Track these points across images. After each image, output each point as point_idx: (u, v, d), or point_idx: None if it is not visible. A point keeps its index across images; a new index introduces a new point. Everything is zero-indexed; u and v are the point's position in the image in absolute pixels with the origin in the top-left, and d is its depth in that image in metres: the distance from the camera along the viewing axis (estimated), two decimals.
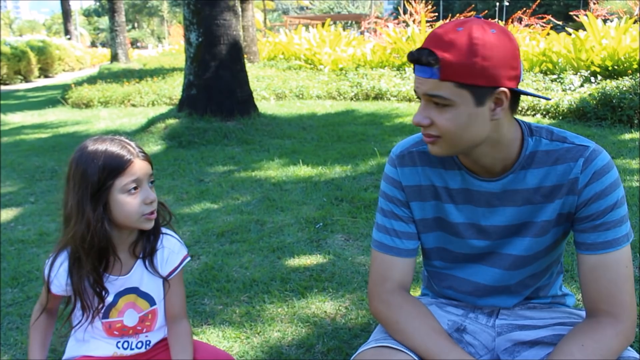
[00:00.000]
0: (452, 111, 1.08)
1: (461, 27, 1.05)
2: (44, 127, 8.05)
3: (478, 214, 1.24)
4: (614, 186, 1.13)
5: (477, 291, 1.31)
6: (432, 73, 1.06)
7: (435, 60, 1.04)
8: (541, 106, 6.83)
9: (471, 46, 1.03)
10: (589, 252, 1.14)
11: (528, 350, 1.22)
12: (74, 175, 1.25)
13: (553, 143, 1.17)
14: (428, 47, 1.06)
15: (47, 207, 3.90)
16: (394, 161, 1.30)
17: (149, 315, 1.40)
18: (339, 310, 2.27)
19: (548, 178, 1.17)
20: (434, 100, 1.08)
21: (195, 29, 6.48)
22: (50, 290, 1.35)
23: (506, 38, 1.06)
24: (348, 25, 30.82)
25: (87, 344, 1.39)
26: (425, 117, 1.11)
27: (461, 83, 1.05)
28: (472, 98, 1.06)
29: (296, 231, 3.21)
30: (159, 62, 17.17)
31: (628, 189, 3.64)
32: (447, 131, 1.09)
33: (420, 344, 1.14)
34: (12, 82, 18.19)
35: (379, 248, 1.30)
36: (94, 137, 1.31)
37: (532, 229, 1.21)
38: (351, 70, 10.89)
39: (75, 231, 1.25)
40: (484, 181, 1.20)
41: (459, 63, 1.03)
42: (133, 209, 1.25)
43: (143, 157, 1.28)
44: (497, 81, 1.05)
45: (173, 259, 1.40)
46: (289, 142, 5.92)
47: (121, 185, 1.24)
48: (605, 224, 1.13)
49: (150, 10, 71.23)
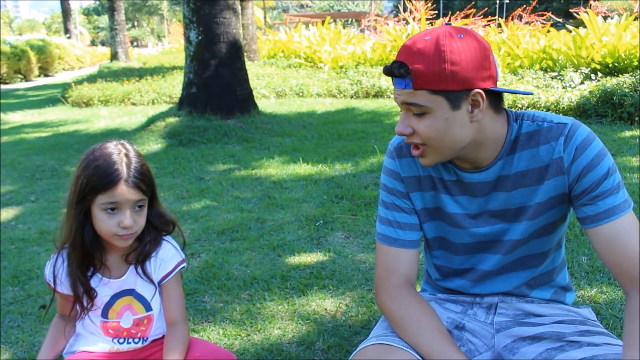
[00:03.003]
0: (430, 118, 1.12)
1: (429, 37, 1.09)
2: (44, 126, 8.05)
3: (475, 203, 1.25)
4: (601, 156, 1.14)
5: (477, 277, 1.32)
6: (405, 84, 1.10)
7: (406, 71, 1.09)
8: (541, 103, 6.82)
9: (439, 53, 1.07)
10: (596, 224, 1.14)
11: (528, 346, 1.22)
12: (74, 176, 1.30)
13: (534, 123, 1.19)
14: (399, 59, 1.10)
15: (47, 206, 3.90)
16: (392, 153, 1.32)
17: (144, 320, 1.41)
18: (339, 307, 2.27)
19: (534, 160, 1.19)
20: (411, 108, 1.13)
21: (195, 28, 6.47)
22: (55, 289, 1.37)
23: (474, 41, 1.09)
24: (348, 23, 30.76)
25: (86, 339, 1.40)
26: (406, 126, 1.15)
27: (434, 90, 1.08)
28: (447, 103, 1.10)
29: (296, 229, 3.21)
30: (159, 60, 17.16)
31: (629, 185, 3.64)
32: (429, 137, 1.13)
33: (424, 343, 1.15)
34: (12, 81, 18.19)
35: (383, 240, 1.31)
36: (108, 142, 1.33)
37: (527, 213, 1.23)
38: (351, 68, 10.88)
39: (65, 230, 1.32)
40: (474, 172, 1.22)
41: (429, 71, 1.07)
42: (106, 227, 1.28)
43: (133, 183, 1.27)
44: (470, 84, 1.09)
45: (165, 266, 1.41)
46: (289, 140, 5.92)
47: (100, 202, 1.27)
48: (602, 193, 1.13)
49: (150, 9, 71.17)
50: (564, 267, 1.39)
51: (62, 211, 1.34)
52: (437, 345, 1.14)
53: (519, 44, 9.72)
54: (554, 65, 8.65)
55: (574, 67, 8.23)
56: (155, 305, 1.41)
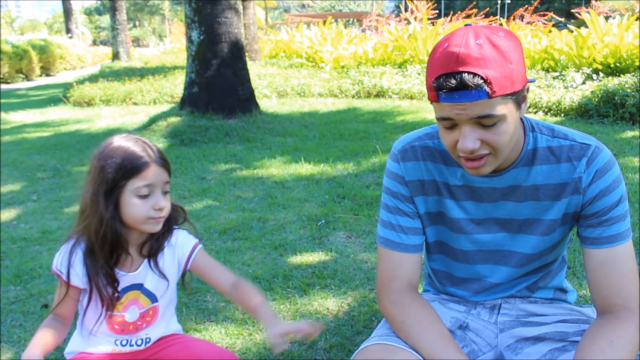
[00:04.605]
0: (503, 125, 1.05)
1: (479, 40, 1.01)
2: (46, 125, 8.05)
3: (480, 209, 1.24)
4: (617, 183, 1.15)
5: (482, 288, 1.32)
6: (478, 95, 1.00)
7: (481, 80, 0.99)
8: (543, 103, 6.82)
9: (502, 55, 1.01)
10: (595, 247, 1.15)
11: (531, 346, 1.22)
12: (94, 168, 1.28)
13: (554, 139, 1.17)
14: (459, 69, 0.99)
15: (49, 205, 3.90)
16: (397, 156, 1.29)
17: (150, 312, 1.40)
18: (341, 307, 2.27)
19: (552, 176, 1.18)
20: (482, 121, 1.04)
21: (196, 27, 6.47)
22: (69, 281, 1.32)
23: (513, 37, 1.07)
24: (349, 23, 30.76)
25: (87, 341, 1.39)
26: (476, 140, 1.05)
27: (506, 94, 1.02)
28: (514, 104, 1.07)
29: (298, 228, 3.21)
30: (161, 60, 17.16)
31: (630, 185, 3.63)
32: (500, 145, 1.07)
33: (425, 346, 1.14)
34: (13, 80, 18.21)
35: (386, 244, 1.29)
36: (121, 134, 1.34)
37: (539, 227, 1.22)
38: (353, 68, 10.87)
39: (89, 224, 1.27)
40: (486, 177, 1.20)
41: (502, 75, 1.00)
42: (140, 212, 1.27)
43: (161, 164, 1.29)
44: (525, 79, 1.07)
45: (183, 250, 1.42)
46: (291, 139, 5.92)
47: (133, 187, 1.25)
48: (610, 219, 1.15)
49: (151, 9, 71.24)
50: (564, 266, 1.39)
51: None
52: (439, 347, 1.12)
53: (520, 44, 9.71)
54: (556, 66, 8.64)
55: (575, 67, 8.23)
56: (161, 296, 1.40)
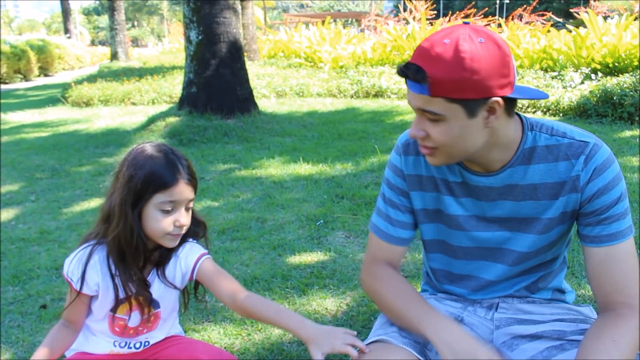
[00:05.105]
0: (445, 125, 1.08)
1: (448, 39, 1.02)
2: (44, 125, 8.04)
3: (479, 206, 1.24)
4: (616, 180, 1.14)
5: (479, 286, 1.32)
6: (421, 89, 1.05)
7: (423, 77, 1.03)
8: (541, 103, 6.82)
9: (459, 60, 1.01)
10: (595, 245, 1.14)
11: (527, 343, 1.22)
12: (123, 175, 1.26)
13: (553, 138, 1.16)
14: (416, 62, 1.04)
15: (47, 206, 3.90)
16: (400, 149, 1.31)
17: (152, 318, 1.40)
18: (340, 307, 2.27)
19: (550, 175, 1.17)
20: (426, 114, 1.09)
21: (195, 27, 6.47)
22: (81, 289, 1.31)
23: (494, 46, 1.03)
24: (348, 23, 30.75)
25: (87, 340, 1.39)
26: (420, 130, 1.12)
27: (451, 98, 1.04)
28: (464, 111, 1.06)
29: (297, 228, 3.21)
30: (159, 60, 17.13)
31: (629, 185, 3.64)
32: (442, 143, 1.11)
33: (401, 307, 1.20)
34: (12, 81, 18.18)
35: (375, 231, 1.35)
36: (154, 142, 1.32)
37: (537, 226, 1.21)
38: (351, 68, 10.86)
39: (119, 232, 1.25)
40: (482, 176, 1.20)
41: (448, 79, 1.01)
42: (161, 226, 1.26)
43: (188, 182, 1.28)
44: (488, 92, 1.04)
45: (187, 261, 1.38)
46: (290, 139, 5.92)
47: (158, 201, 1.25)
48: (610, 217, 1.13)
49: (150, 9, 71.19)
50: (564, 267, 1.39)
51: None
52: (414, 307, 1.18)
53: (519, 43, 9.71)
54: (555, 65, 8.64)
55: (574, 67, 8.23)
56: (165, 305, 1.40)
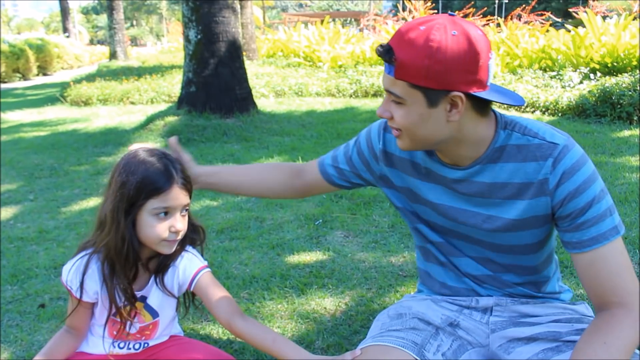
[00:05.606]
0: (405, 109, 1.11)
1: (424, 26, 1.04)
2: (43, 125, 8.03)
3: (449, 195, 1.26)
4: (589, 182, 1.09)
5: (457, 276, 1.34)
6: (390, 70, 1.09)
7: (391, 58, 1.06)
8: (540, 103, 6.83)
9: (426, 48, 1.02)
10: (579, 251, 1.11)
11: (523, 346, 1.22)
12: (115, 181, 1.23)
13: (524, 137, 1.15)
14: (390, 43, 1.08)
15: (46, 205, 3.89)
16: (385, 124, 1.36)
17: (150, 326, 1.39)
18: (338, 306, 2.27)
19: (517, 174, 1.15)
20: (391, 96, 1.13)
21: (194, 27, 6.46)
22: (81, 297, 1.30)
23: (466, 42, 1.03)
24: (347, 22, 30.75)
25: (85, 341, 1.39)
26: (385, 110, 1.17)
27: (413, 84, 1.06)
28: (425, 99, 1.07)
29: (296, 228, 3.21)
30: (158, 59, 17.12)
31: (628, 185, 3.64)
32: (402, 126, 1.13)
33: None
34: (10, 80, 18.14)
35: (319, 161, 1.49)
36: (147, 146, 1.29)
37: (501, 224, 1.21)
38: (350, 68, 10.87)
39: (109, 240, 1.23)
40: (450, 169, 1.21)
41: (412, 64, 1.04)
42: (156, 232, 1.23)
43: (182, 186, 1.25)
44: (450, 85, 1.05)
45: (186, 274, 1.36)
46: (288, 139, 5.92)
47: (152, 207, 1.22)
48: (587, 221, 1.10)
49: (148, 8, 71.11)
50: (557, 273, 1.38)
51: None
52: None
53: (518, 43, 9.72)
54: (553, 65, 8.65)
55: (573, 66, 8.24)
56: (164, 314, 1.39)
